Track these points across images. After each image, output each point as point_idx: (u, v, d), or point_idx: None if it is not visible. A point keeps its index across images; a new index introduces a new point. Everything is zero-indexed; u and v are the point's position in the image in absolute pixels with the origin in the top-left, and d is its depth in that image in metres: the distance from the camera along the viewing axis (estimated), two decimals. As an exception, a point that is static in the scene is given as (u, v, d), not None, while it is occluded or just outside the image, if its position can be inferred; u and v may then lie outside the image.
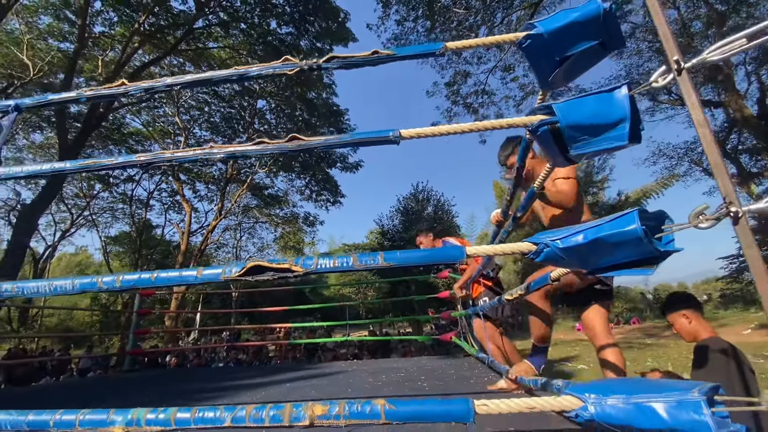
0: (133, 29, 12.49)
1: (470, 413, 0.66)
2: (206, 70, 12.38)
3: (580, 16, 0.91)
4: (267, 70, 1.07)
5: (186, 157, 0.98)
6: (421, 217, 19.79)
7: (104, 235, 21.82)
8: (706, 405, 0.55)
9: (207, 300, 18.96)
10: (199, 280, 0.81)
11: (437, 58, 16.57)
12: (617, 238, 0.70)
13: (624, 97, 0.80)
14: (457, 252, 0.82)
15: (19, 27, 14.17)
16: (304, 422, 0.68)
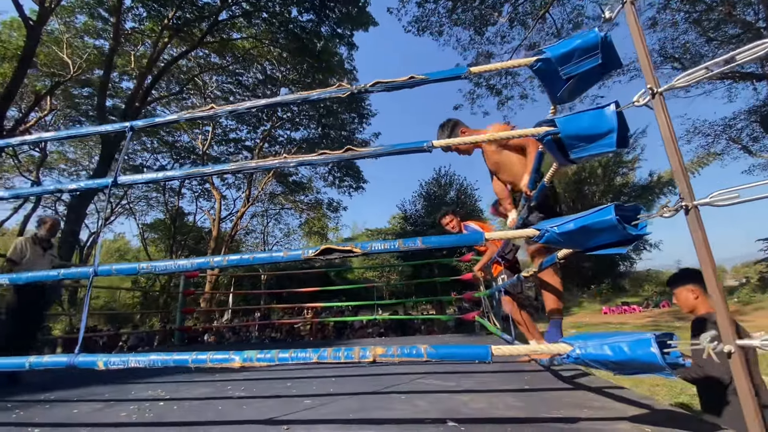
0: (163, 24, 12.93)
1: (488, 354, 0.92)
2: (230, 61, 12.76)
3: (582, 43, 1.11)
4: (325, 94, 1.32)
5: (268, 165, 1.26)
6: (444, 202, 19.87)
7: (141, 222, 23.08)
8: (654, 342, 0.78)
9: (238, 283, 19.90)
10: (285, 259, 1.09)
11: (459, 38, 16.31)
12: (599, 225, 0.93)
13: (612, 113, 1.02)
14: (478, 236, 1.07)
15: (59, 27, 14.87)
16: (369, 359, 0.96)
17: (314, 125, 20.21)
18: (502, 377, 2.25)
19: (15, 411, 1.90)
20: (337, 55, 16.69)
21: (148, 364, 1.12)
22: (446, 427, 1.32)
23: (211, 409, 1.79)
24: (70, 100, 16.94)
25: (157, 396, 2.16)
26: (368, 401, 1.80)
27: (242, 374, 2.83)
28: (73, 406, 1.97)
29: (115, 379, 2.84)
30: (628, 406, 1.47)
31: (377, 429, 1.34)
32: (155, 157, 20.33)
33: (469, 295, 6.20)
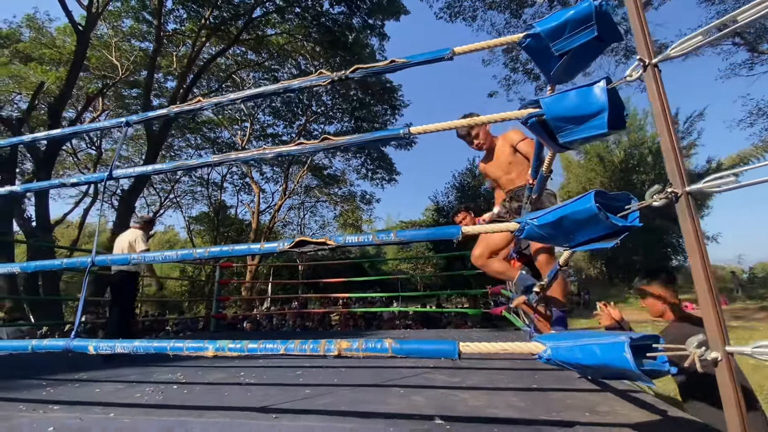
0: (201, 24, 13.45)
1: (455, 352, 0.87)
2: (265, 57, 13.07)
3: (574, 14, 1.00)
4: (305, 83, 1.29)
5: (245, 158, 1.26)
6: (478, 193, 19.40)
7: (187, 215, 24.44)
8: (628, 346, 0.70)
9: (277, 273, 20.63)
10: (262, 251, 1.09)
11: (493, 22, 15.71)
12: (579, 215, 0.84)
13: (602, 90, 0.91)
14: (455, 230, 1.01)
15: (107, 31, 15.85)
16: (334, 353, 0.94)
17: (347, 118, 20.36)
18: (512, 375, 2.16)
19: (46, 389, 2.06)
20: (369, 46, 16.64)
21: (132, 350, 1.17)
22: (432, 424, 1.28)
23: (217, 394, 1.86)
24: (121, 100, 18.10)
25: (176, 379, 2.27)
26: (366, 394, 1.79)
27: (258, 362, 2.92)
28: (97, 386, 2.11)
29: (144, 362, 3.03)
30: (634, 412, 1.36)
31: (363, 422, 1.33)
32: (198, 153, 21.35)
33: (498, 289, 6.04)
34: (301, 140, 1.23)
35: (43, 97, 13.37)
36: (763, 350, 0.63)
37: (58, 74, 13.85)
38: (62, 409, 1.61)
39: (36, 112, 12.96)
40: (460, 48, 1.19)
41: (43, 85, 12.19)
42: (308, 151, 1.26)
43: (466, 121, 1.09)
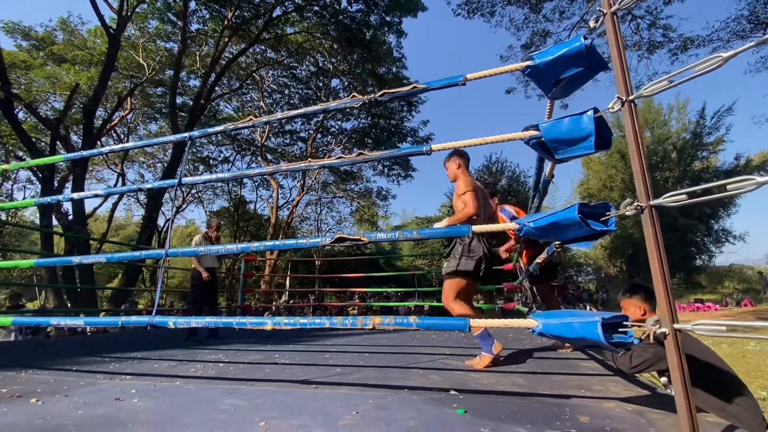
0: (223, 24, 13.84)
1: (466, 325, 1.10)
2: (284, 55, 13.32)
3: (568, 50, 1.21)
4: (341, 105, 1.53)
5: (294, 168, 1.51)
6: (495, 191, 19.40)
7: (208, 209, 25.19)
8: (600, 324, 0.91)
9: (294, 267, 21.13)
10: (308, 245, 1.33)
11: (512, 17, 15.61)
12: (565, 222, 1.05)
13: (589, 118, 1.11)
14: (465, 229, 1.23)
15: (135, 32, 16.44)
16: (369, 326, 1.18)
17: (364, 115, 20.58)
18: (520, 361, 2.37)
19: (111, 364, 2.39)
20: (386, 43, 16.78)
21: (204, 324, 1.44)
22: (448, 395, 1.51)
23: (260, 370, 2.14)
24: (147, 99, 18.77)
25: (218, 359, 2.57)
26: (390, 373, 2.04)
27: (288, 346, 3.21)
28: (154, 363, 2.43)
29: (185, 345, 3.36)
30: (625, 390, 1.56)
31: (390, 392, 1.57)
32: (219, 149, 21.96)
33: (510, 286, 6.19)
34: (341, 155, 1.47)
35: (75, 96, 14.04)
36: (700, 327, 0.82)
37: (89, 75, 14.51)
38: (133, 378, 1.91)
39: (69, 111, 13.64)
40: (471, 75, 1.40)
41: (78, 85, 12.81)
42: (347, 164, 1.49)
43: (482, 140, 1.31)
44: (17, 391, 1.64)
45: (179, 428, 1.13)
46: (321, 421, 1.17)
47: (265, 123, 1.66)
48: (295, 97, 20.01)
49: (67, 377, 1.96)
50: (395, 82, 18.25)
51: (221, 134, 21.42)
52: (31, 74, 15.45)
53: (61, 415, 1.28)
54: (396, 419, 1.17)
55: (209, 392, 1.57)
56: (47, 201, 2.22)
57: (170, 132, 15.49)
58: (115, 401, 1.44)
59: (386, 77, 17.77)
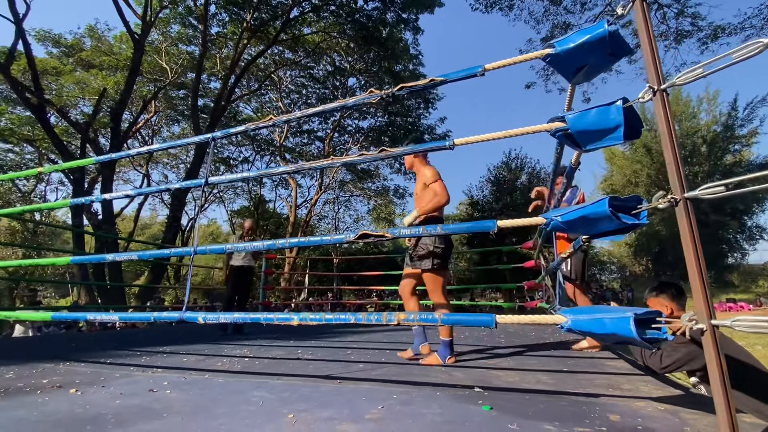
0: (242, 26, 14.08)
1: (492, 321, 1.09)
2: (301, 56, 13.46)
3: (590, 37, 1.18)
4: (359, 101, 1.54)
5: (318, 166, 1.53)
6: (514, 187, 19.10)
7: (229, 209, 25.73)
8: (632, 320, 0.89)
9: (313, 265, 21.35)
10: (332, 241, 1.35)
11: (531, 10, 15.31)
12: (595, 215, 1.03)
13: (618, 109, 1.08)
14: (491, 224, 1.22)
15: (158, 37, 16.90)
16: (394, 322, 1.18)
17: (381, 113, 20.57)
18: (544, 360, 2.34)
19: (144, 356, 2.48)
20: (403, 40, 16.73)
21: (232, 319, 1.48)
22: (472, 392, 1.50)
23: (285, 365, 2.17)
24: (169, 102, 19.29)
25: (244, 354, 2.63)
26: (411, 369, 2.04)
27: (310, 342, 3.26)
28: (182, 356, 2.50)
29: (211, 340, 3.45)
30: (656, 390, 1.52)
31: (414, 387, 1.57)
32: (239, 150, 22.38)
33: (532, 284, 6.08)
34: (363, 152, 1.48)
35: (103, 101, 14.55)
36: (740, 323, 0.79)
37: (116, 79, 15.01)
38: (164, 371, 1.98)
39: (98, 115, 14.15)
40: (490, 65, 1.38)
41: (105, 90, 13.28)
42: (369, 161, 1.50)
43: (505, 133, 1.29)
44: (57, 381, 1.72)
45: (211, 419, 1.16)
46: (347, 414, 1.19)
47: (285, 121, 1.69)
48: (313, 97, 20.18)
49: (103, 369, 2.04)
50: (412, 79, 18.10)
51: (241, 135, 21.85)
52: (62, 80, 16.10)
53: (99, 405, 1.33)
54: (422, 414, 1.18)
55: (237, 385, 1.61)
56: (81, 201, 2.32)
57: (192, 133, 15.89)
58: (149, 392, 1.50)
59: (402, 75, 17.71)
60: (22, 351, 3.02)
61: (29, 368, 2.05)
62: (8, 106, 16.01)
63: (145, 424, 1.12)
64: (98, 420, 1.17)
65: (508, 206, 17.75)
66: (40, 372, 1.96)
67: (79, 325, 6.93)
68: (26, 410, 1.30)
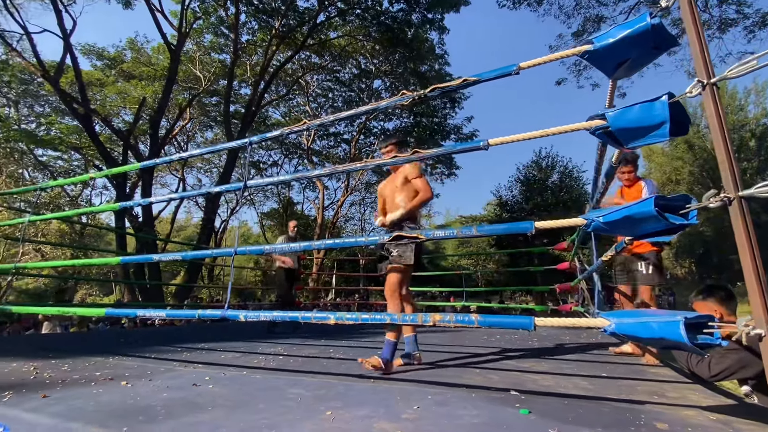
0: (271, 33, 14.46)
1: (531, 324, 1.07)
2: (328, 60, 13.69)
3: (632, 31, 1.14)
4: (391, 103, 1.55)
5: (351, 169, 1.56)
6: (545, 186, 18.55)
7: (260, 211, 26.46)
8: (683, 324, 0.85)
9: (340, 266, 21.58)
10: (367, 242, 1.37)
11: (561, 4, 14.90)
12: (639, 215, 0.99)
13: (662, 104, 1.04)
14: (528, 225, 1.20)
15: (192, 47, 17.62)
16: (429, 323, 1.19)
17: (406, 114, 20.56)
18: (581, 365, 2.26)
19: (185, 352, 2.59)
20: (428, 40, 16.67)
21: (271, 318, 1.53)
22: (508, 395, 1.48)
23: (318, 364, 2.22)
24: (203, 108, 20.07)
25: (277, 352, 2.70)
26: (445, 371, 2.03)
27: (341, 342, 3.30)
28: (220, 353, 2.60)
29: (246, 338, 3.56)
30: (705, 398, 1.44)
31: (447, 389, 1.56)
32: (269, 153, 22.97)
33: (567, 286, 5.90)
34: (396, 155, 1.50)
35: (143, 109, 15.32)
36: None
37: (154, 89, 15.77)
38: (204, 367, 2.06)
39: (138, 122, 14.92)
40: (525, 63, 1.36)
41: (145, 99, 13.99)
42: (402, 162, 1.52)
43: (542, 132, 1.27)
44: (108, 374, 1.83)
45: (253, 413, 1.21)
46: (384, 413, 1.20)
47: (319, 125, 1.73)
48: (339, 100, 20.44)
49: (148, 363, 2.16)
50: (438, 79, 18.03)
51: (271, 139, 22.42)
52: (105, 91, 17.09)
53: (149, 397, 1.41)
54: (458, 415, 1.17)
55: (274, 382, 1.66)
56: (129, 205, 2.46)
57: (224, 138, 16.46)
58: (193, 387, 1.57)
59: (428, 75, 17.63)
60: (74, 346, 3.23)
61: (82, 362, 2.20)
62: (58, 117, 17.16)
63: (194, 417, 1.17)
64: (149, 411, 1.24)
65: (538, 206, 17.25)
66: (93, 365, 2.09)
67: (121, 322, 7.33)
68: (83, 401, 1.39)
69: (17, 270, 3.01)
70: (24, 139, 16.44)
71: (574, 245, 4.39)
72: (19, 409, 1.31)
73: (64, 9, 10.61)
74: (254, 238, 34.66)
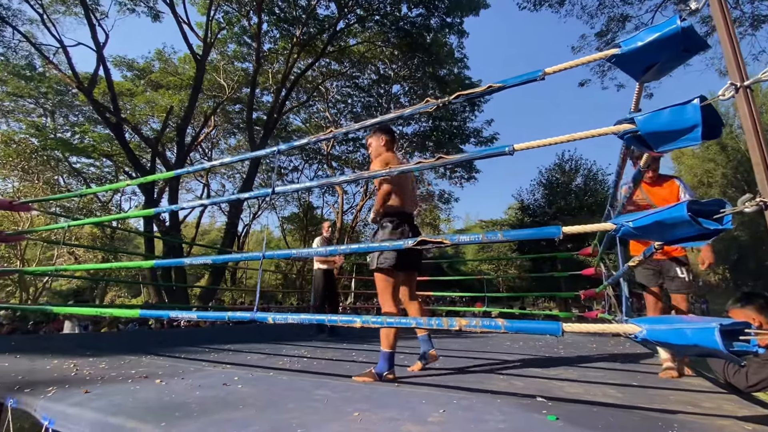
0: (292, 42, 14.77)
1: (559, 329, 1.06)
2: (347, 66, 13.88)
3: (661, 35, 1.12)
4: (416, 110, 1.57)
5: (375, 175, 1.59)
6: (569, 190, 18.14)
7: (280, 216, 26.90)
8: (718, 330, 0.83)
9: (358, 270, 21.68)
10: (391, 248, 1.39)
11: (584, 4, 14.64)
12: (671, 220, 0.97)
13: (694, 108, 1.02)
14: (556, 230, 1.19)
15: (216, 56, 18.17)
16: (455, 328, 1.19)
17: (425, 119, 20.56)
18: (609, 373, 2.21)
19: (212, 353, 2.67)
20: (447, 45, 16.66)
21: (299, 321, 1.57)
22: (534, 401, 1.46)
23: (341, 366, 2.25)
24: (226, 116, 20.63)
25: (301, 354, 2.75)
26: (468, 377, 2.03)
27: (363, 345, 3.32)
28: (246, 355, 2.67)
29: (269, 340, 3.63)
30: (741, 409, 1.39)
31: (472, 393, 1.56)
32: (289, 159, 23.36)
33: (592, 292, 5.75)
34: (420, 160, 1.52)
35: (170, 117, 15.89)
36: None
37: (180, 97, 16.33)
38: (232, 367, 2.12)
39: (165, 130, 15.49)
40: (550, 69, 1.36)
41: (172, 108, 14.52)
42: (426, 168, 1.54)
43: (568, 137, 1.27)
44: (143, 372, 1.91)
45: (283, 413, 1.24)
46: (409, 416, 1.21)
47: (344, 133, 1.77)
48: (358, 106, 20.63)
49: (179, 363, 2.23)
50: (456, 83, 17.99)
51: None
52: (135, 100, 17.81)
53: (182, 395, 1.47)
54: (485, 420, 1.17)
55: (301, 383, 1.70)
56: (164, 210, 2.58)
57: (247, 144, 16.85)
58: (223, 386, 1.62)
59: (447, 79, 17.60)
60: (108, 344, 3.37)
61: (117, 360, 2.30)
62: (91, 125, 17.98)
63: (226, 414, 1.22)
64: (184, 408, 1.29)
65: (562, 211, 16.88)
66: (127, 363, 2.19)
67: (148, 323, 7.59)
68: (122, 396, 1.46)
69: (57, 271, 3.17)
70: (60, 148, 17.28)
71: (599, 250, 4.29)
72: (64, 403, 1.39)
73: (97, 23, 11.17)
74: (275, 243, 35.22)
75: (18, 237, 3.90)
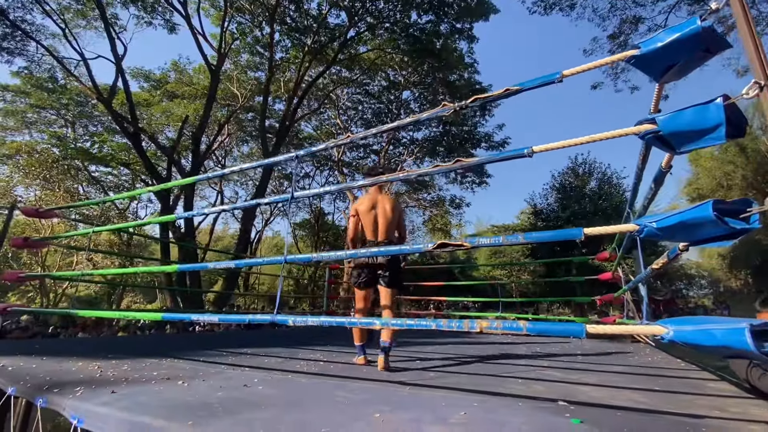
0: (304, 50, 14.99)
1: (583, 331, 1.06)
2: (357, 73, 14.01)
3: (681, 35, 1.12)
4: (433, 114, 1.59)
5: (394, 179, 1.61)
6: (583, 194, 17.88)
7: (293, 221, 27.13)
8: (749, 331, 0.82)
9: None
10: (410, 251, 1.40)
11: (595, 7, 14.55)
12: (696, 220, 0.97)
13: (718, 107, 1.01)
14: (577, 232, 1.19)
15: (230, 66, 18.52)
16: (476, 330, 1.20)
17: (435, 123, 20.57)
18: (631, 378, 2.17)
19: (230, 356, 2.70)
20: (457, 50, 16.71)
21: (318, 322, 1.59)
22: (556, 405, 1.45)
23: (358, 370, 2.26)
24: (240, 124, 20.98)
25: (318, 358, 2.77)
26: (485, 380, 2.01)
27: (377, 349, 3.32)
28: (263, 358, 2.69)
29: (286, 345, 3.66)
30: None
31: (490, 397, 1.55)
32: (301, 166, 23.59)
33: (610, 297, 5.65)
34: (438, 163, 1.53)
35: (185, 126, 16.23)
36: None
37: (195, 107, 16.68)
38: (251, 370, 2.15)
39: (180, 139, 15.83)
40: (568, 71, 1.36)
41: (187, 117, 14.84)
42: (443, 172, 1.55)
43: (589, 138, 1.27)
44: (165, 374, 1.95)
45: (305, 413, 1.26)
46: (431, 417, 1.22)
47: (362, 138, 1.79)
48: (368, 112, 20.78)
49: (199, 366, 2.27)
50: (467, 88, 18.00)
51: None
52: (151, 110, 18.26)
53: (205, 395, 1.50)
54: (508, 422, 1.17)
55: (320, 386, 1.71)
56: (184, 216, 2.64)
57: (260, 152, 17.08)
58: (244, 387, 1.65)
59: (457, 84, 17.62)
60: (129, 348, 3.44)
61: (139, 362, 2.34)
62: (109, 135, 18.48)
63: (250, 414, 1.24)
64: (208, 407, 1.32)
65: (576, 215, 16.64)
66: (149, 366, 2.23)
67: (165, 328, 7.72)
68: (147, 397, 1.49)
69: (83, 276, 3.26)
70: (80, 157, 17.77)
71: (617, 254, 4.22)
72: (91, 403, 1.43)
73: (116, 36, 11.52)
74: (288, 249, 35.46)
75: (43, 243, 4.02)
